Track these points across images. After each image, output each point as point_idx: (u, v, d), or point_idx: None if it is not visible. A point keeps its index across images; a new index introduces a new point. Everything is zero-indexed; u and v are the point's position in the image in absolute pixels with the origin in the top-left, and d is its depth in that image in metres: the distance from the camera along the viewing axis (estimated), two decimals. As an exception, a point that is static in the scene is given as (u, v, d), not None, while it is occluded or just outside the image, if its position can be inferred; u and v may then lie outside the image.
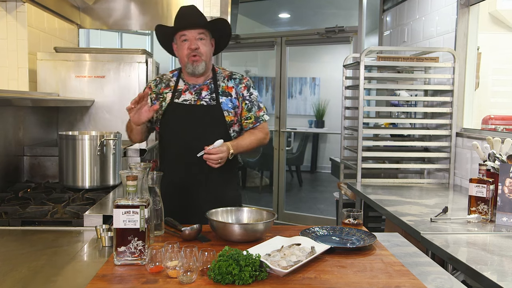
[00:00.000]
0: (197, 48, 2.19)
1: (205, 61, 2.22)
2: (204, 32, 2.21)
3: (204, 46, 2.22)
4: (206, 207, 1.83)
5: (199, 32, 2.20)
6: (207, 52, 2.23)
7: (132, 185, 1.43)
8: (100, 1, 3.96)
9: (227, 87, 2.30)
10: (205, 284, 1.26)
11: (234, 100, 2.29)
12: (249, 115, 2.31)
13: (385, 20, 4.92)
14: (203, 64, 2.22)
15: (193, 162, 2.15)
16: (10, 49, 3.04)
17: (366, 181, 3.44)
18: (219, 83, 2.31)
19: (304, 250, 1.50)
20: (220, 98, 2.27)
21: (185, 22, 2.21)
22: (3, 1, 2.98)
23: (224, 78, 2.33)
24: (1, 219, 1.94)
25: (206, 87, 2.29)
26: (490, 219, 2.30)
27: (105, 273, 1.33)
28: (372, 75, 3.60)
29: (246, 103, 2.30)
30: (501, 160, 2.47)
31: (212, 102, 2.26)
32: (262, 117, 2.34)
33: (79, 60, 3.30)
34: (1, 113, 2.58)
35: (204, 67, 2.23)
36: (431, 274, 1.56)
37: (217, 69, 2.36)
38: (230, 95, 2.29)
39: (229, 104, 2.27)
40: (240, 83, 2.32)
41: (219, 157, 2.06)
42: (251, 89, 2.34)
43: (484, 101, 3.98)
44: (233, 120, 2.27)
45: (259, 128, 2.33)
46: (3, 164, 2.60)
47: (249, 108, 2.31)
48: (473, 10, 3.40)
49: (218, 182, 2.23)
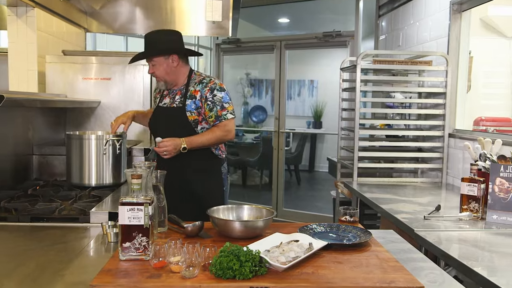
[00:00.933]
0: (153, 72, 2.52)
1: (164, 80, 2.53)
2: (155, 59, 2.49)
3: (158, 70, 2.51)
4: (185, 205, 2.33)
5: (149, 59, 2.51)
6: (162, 72, 2.51)
7: (137, 183, 1.43)
8: (107, 6, 3.96)
9: (195, 91, 2.53)
10: (207, 278, 1.26)
11: (198, 102, 2.51)
12: (210, 114, 2.50)
13: (380, 25, 4.91)
14: (162, 83, 2.56)
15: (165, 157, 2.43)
16: (20, 52, 3.05)
17: (362, 180, 3.44)
18: (190, 88, 2.55)
19: (302, 246, 1.49)
20: (187, 100, 2.52)
21: (139, 54, 2.56)
22: (13, 6, 2.98)
23: (196, 83, 2.56)
24: (11, 215, 1.94)
25: (179, 92, 2.58)
26: (481, 217, 2.30)
27: (111, 267, 1.33)
28: (368, 77, 3.60)
29: (208, 104, 2.50)
30: (492, 160, 2.47)
31: (180, 105, 2.53)
32: (224, 116, 2.50)
33: (86, 62, 3.30)
34: (12, 114, 2.58)
35: (163, 85, 2.56)
36: (424, 269, 1.56)
37: (193, 75, 2.60)
38: (195, 97, 2.52)
39: (192, 106, 2.51)
40: (206, 86, 2.53)
41: (164, 150, 2.35)
42: (215, 91, 2.51)
43: (475, 103, 3.97)
44: (197, 119, 2.51)
45: (219, 126, 2.51)
46: (13, 162, 2.60)
47: (211, 108, 2.50)
48: (465, 16, 3.40)
49: (192, 178, 2.52)
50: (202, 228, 1.69)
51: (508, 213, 2.23)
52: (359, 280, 1.28)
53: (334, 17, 7.01)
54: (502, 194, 2.25)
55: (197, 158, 2.51)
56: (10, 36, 3.03)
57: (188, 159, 2.47)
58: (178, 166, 2.46)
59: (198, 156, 2.51)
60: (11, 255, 1.53)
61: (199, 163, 2.54)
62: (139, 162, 1.83)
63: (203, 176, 2.56)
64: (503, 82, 4.09)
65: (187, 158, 2.45)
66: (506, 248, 1.89)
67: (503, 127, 3.49)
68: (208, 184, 2.57)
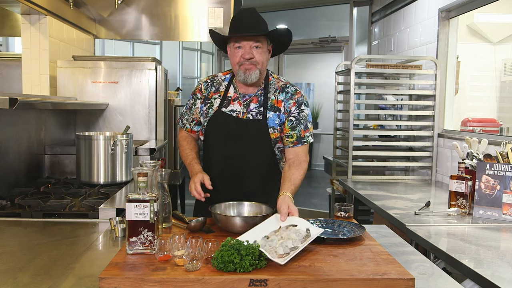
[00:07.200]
0: (252, 58, 1.84)
1: (259, 69, 1.87)
2: (262, 40, 1.85)
3: (260, 55, 1.85)
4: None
5: (256, 40, 1.83)
6: (263, 60, 1.87)
7: (143, 181, 1.43)
8: (114, 14, 3.96)
9: (277, 101, 1.93)
10: (209, 271, 1.26)
11: (282, 116, 1.93)
12: (291, 134, 1.93)
13: (373, 31, 4.91)
14: (256, 73, 1.86)
15: (232, 176, 1.89)
16: (33, 57, 3.04)
17: (356, 178, 3.44)
18: (269, 96, 1.94)
19: (300, 233, 1.48)
20: (267, 113, 1.92)
21: (241, 29, 1.83)
22: (27, 15, 2.98)
23: (276, 90, 1.96)
24: (24, 211, 1.94)
25: (255, 99, 1.94)
26: (468, 212, 2.30)
27: (118, 261, 1.33)
28: (361, 81, 3.60)
29: (291, 120, 1.93)
30: (478, 158, 2.47)
31: (259, 117, 1.91)
32: (306, 139, 1.95)
33: (95, 67, 3.30)
34: (25, 116, 2.58)
35: (257, 76, 1.87)
36: (415, 262, 1.56)
37: (271, 78, 1.99)
38: (278, 110, 1.93)
39: (276, 120, 1.92)
40: (291, 99, 1.95)
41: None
42: (302, 106, 1.95)
43: (463, 105, 3.98)
44: (278, 137, 1.94)
45: (302, 157, 1.92)
46: (27, 161, 2.60)
47: (293, 126, 1.93)
48: (453, 23, 3.40)
49: (258, 199, 1.83)
50: (205, 224, 1.68)
51: (493, 208, 2.23)
52: (353, 272, 1.28)
53: (330, 23, 7.01)
54: (488, 190, 2.25)
55: (269, 183, 1.98)
56: (24, 43, 3.03)
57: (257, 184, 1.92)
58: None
59: (270, 180, 1.98)
60: (25, 249, 1.53)
61: (264, 184, 1.98)
62: (145, 161, 1.82)
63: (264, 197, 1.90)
64: (489, 85, 4.10)
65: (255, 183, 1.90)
66: (491, 241, 1.89)
67: (489, 127, 3.50)
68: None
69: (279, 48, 1.99)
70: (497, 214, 2.21)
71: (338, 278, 1.25)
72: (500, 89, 4.05)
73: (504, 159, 2.29)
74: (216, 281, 1.22)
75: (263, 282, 1.23)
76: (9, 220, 1.88)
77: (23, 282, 1.24)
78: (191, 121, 2.07)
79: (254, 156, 1.92)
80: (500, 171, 2.21)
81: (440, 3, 3.38)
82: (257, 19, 1.86)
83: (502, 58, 3.97)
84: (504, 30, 3.96)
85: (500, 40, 3.97)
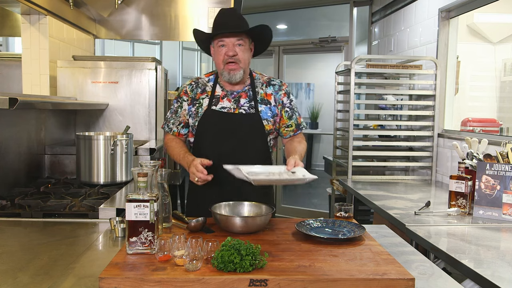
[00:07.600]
0: (235, 55, 1.91)
1: (243, 68, 1.94)
2: (244, 38, 1.92)
3: (243, 52, 1.92)
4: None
5: (238, 38, 1.91)
6: (245, 58, 1.94)
7: (143, 181, 1.43)
8: (114, 14, 3.96)
9: (266, 94, 2.03)
10: (209, 271, 1.26)
11: (274, 108, 2.03)
12: (290, 123, 2.06)
13: (373, 31, 4.91)
14: (240, 72, 1.94)
15: (227, 172, 1.80)
16: (33, 57, 3.04)
17: (356, 178, 3.44)
18: (258, 90, 2.03)
19: (293, 176, 1.45)
20: (259, 106, 2.00)
21: (224, 28, 1.90)
22: (27, 15, 2.98)
23: (263, 84, 2.06)
24: (24, 211, 1.94)
25: (244, 94, 2.01)
26: (468, 212, 2.30)
27: (118, 261, 1.33)
28: (361, 81, 3.60)
29: (286, 111, 2.05)
30: (478, 158, 2.47)
31: (251, 111, 1.99)
32: (302, 124, 2.12)
33: (95, 67, 3.30)
34: (25, 116, 2.58)
35: (241, 75, 1.95)
36: (415, 262, 1.56)
37: (254, 74, 2.09)
38: (269, 102, 2.03)
39: (268, 113, 2.01)
40: (280, 90, 2.06)
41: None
42: (290, 96, 2.09)
43: (463, 105, 3.98)
44: (271, 129, 2.03)
45: (301, 136, 2.09)
46: (27, 161, 2.59)
47: (290, 116, 2.06)
48: (452, 23, 3.40)
49: (252, 197, 1.84)
50: (205, 224, 1.68)
51: (493, 208, 2.23)
52: (353, 272, 1.28)
53: (330, 23, 7.00)
54: (488, 190, 2.25)
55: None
56: (24, 43, 3.03)
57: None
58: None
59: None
60: (25, 249, 1.53)
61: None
62: (144, 161, 1.82)
63: (258, 196, 1.93)
64: (489, 85, 4.10)
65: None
66: (491, 241, 1.89)
67: (488, 127, 3.50)
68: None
69: (261, 47, 2.06)
70: (497, 214, 2.21)
71: (338, 278, 1.25)
72: (500, 89, 4.05)
73: (504, 159, 2.29)
74: (216, 281, 1.22)
75: (263, 282, 1.23)
76: (9, 220, 1.88)
77: (23, 282, 1.24)
78: (178, 124, 2.09)
79: (248, 150, 1.97)
80: (500, 171, 2.21)
81: (440, 3, 3.38)
82: (238, 18, 1.96)
83: (502, 58, 3.97)
84: (504, 30, 3.96)
85: (500, 40, 3.97)
